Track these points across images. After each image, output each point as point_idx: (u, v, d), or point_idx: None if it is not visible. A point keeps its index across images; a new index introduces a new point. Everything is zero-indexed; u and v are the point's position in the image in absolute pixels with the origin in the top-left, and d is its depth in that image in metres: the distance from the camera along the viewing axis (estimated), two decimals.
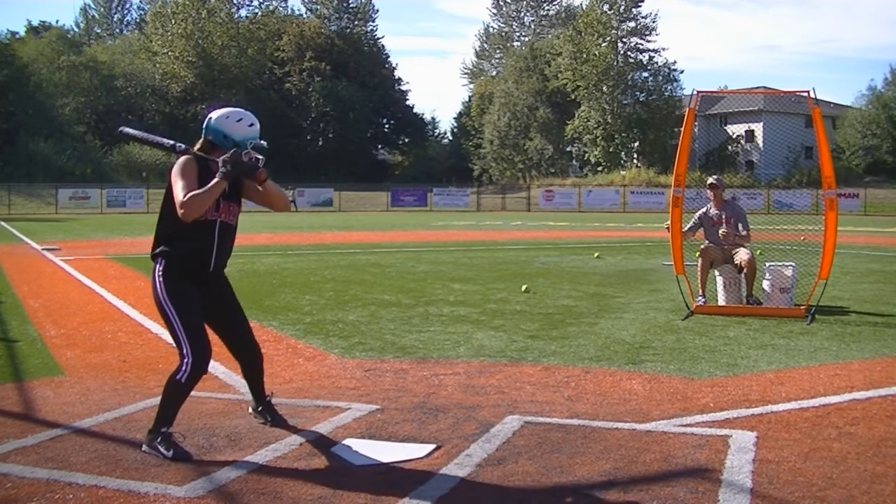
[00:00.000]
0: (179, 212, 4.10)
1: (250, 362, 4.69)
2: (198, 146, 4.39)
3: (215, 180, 4.15)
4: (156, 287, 4.28)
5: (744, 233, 9.07)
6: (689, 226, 9.31)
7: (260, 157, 4.33)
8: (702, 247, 9.20)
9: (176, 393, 4.22)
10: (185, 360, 4.17)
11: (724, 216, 9.18)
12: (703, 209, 9.40)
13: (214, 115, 4.40)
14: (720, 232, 8.96)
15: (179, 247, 4.27)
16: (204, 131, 4.37)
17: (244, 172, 4.25)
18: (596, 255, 16.13)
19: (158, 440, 4.14)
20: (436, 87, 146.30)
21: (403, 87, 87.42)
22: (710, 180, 9.34)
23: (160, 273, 4.27)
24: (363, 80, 79.05)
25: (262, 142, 4.40)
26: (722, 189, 9.35)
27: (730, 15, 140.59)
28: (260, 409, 4.76)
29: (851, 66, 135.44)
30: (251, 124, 4.37)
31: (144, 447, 4.20)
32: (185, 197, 4.08)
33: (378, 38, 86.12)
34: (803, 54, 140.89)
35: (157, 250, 4.32)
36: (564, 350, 6.85)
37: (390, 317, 8.56)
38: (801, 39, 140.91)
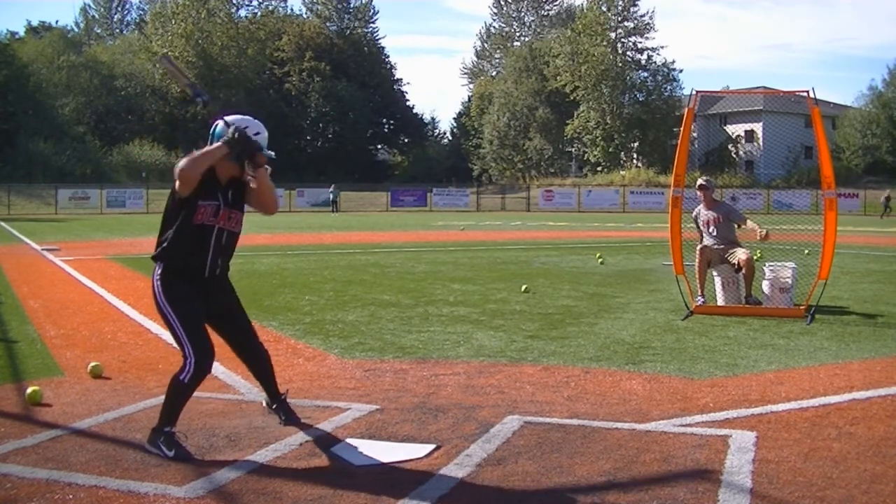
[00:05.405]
0: (177, 175, 4.07)
1: (255, 365, 4.69)
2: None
3: (217, 144, 4.14)
4: (155, 290, 4.29)
5: (743, 224, 9.09)
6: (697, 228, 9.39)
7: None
8: (699, 246, 9.20)
9: (179, 393, 4.22)
10: (189, 361, 4.17)
11: (714, 217, 9.17)
12: (695, 211, 9.42)
13: (220, 122, 4.30)
14: (759, 234, 8.86)
15: (176, 250, 4.24)
16: (210, 138, 4.30)
17: (247, 150, 4.18)
18: (599, 258, 15.27)
19: (161, 439, 4.14)
20: (436, 86, 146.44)
21: (403, 88, 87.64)
22: (700, 181, 9.34)
23: (158, 276, 4.28)
24: (363, 80, 79.09)
25: (269, 151, 4.33)
26: (712, 190, 9.38)
27: (741, 13, 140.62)
28: (275, 406, 4.75)
29: (864, 64, 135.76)
30: (257, 133, 4.27)
31: (147, 445, 4.20)
32: (182, 161, 4.08)
33: (378, 39, 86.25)
34: (815, 52, 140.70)
35: (156, 252, 4.32)
36: (564, 350, 6.85)
37: (390, 317, 8.56)
38: (813, 38, 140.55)
